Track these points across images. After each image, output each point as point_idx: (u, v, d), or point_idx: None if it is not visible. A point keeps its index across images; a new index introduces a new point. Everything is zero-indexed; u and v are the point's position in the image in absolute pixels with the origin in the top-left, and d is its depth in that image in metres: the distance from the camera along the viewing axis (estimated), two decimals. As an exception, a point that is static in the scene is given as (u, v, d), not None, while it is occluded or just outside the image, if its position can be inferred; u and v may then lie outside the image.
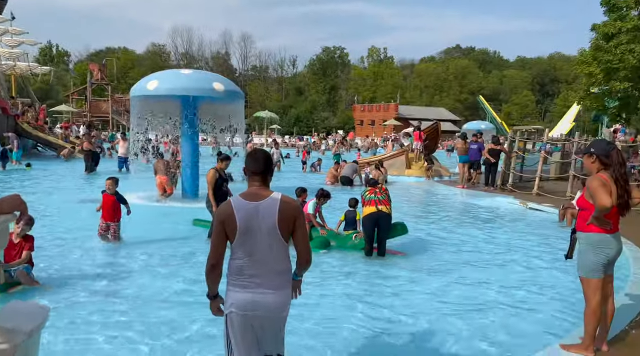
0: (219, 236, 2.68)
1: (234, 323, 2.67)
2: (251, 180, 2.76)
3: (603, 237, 3.52)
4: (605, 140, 3.70)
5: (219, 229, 2.68)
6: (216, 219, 2.72)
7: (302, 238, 2.75)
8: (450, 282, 6.01)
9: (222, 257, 2.70)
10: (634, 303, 4.82)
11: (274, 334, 2.75)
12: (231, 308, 2.68)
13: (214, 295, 2.80)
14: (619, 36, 14.77)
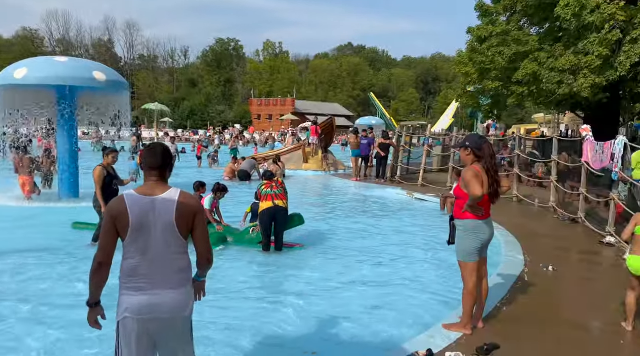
0: (109, 233, 2.46)
1: (127, 330, 2.44)
2: (148, 175, 2.59)
3: (477, 223, 3.85)
4: (478, 135, 4.04)
5: (109, 226, 2.46)
6: (106, 215, 2.49)
7: (202, 236, 2.61)
8: (345, 270, 6.21)
9: (110, 256, 2.47)
10: (505, 282, 5.37)
11: (176, 337, 2.54)
12: (125, 313, 2.45)
13: (95, 301, 2.54)
14: (490, 39, 16.23)
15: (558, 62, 12.41)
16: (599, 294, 5.33)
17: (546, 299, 5.06)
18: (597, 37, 11.29)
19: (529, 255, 6.67)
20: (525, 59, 14.37)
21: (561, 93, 13.00)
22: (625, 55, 10.88)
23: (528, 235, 8.11)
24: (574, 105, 17.27)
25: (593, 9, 11.23)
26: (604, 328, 4.38)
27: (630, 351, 3.96)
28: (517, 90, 15.30)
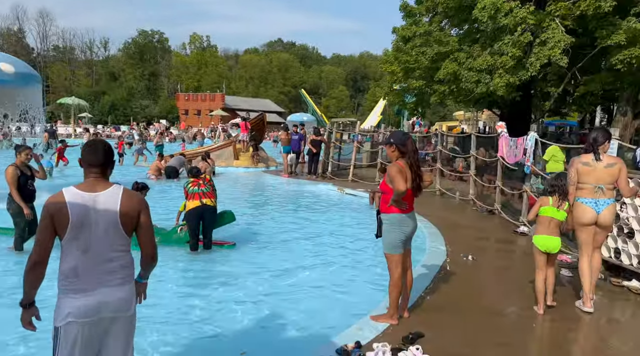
0: (46, 231, 2.32)
1: (71, 336, 2.28)
2: (88, 173, 2.47)
3: (402, 217, 3.98)
4: (401, 131, 4.17)
5: (46, 223, 2.32)
6: (44, 211, 2.35)
7: (147, 234, 2.52)
8: (275, 267, 6.17)
9: (47, 254, 2.33)
10: (429, 273, 5.60)
11: (121, 338, 2.43)
12: (68, 318, 2.29)
13: (29, 302, 2.39)
14: (414, 39, 16.86)
15: (476, 62, 13.15)
16: (514, 281, 5.71)
17: (466, 287, 5.34)
18: (511, 39, 12.09)
19: (451, 246, 7.02)
20: (446, 59, 15.08)
21: (479, 92, 13.80)
22: (535, 56, 11.74)
23: (450, 226, 8.53)
24: (491, 103, 18.41)
25: (507, 12, 12.01)
26: (519, 312, 4.70)
27: (542, 333, 4.27)
28: (439, 88, 16.03)
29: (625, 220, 5.71)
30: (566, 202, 4.57)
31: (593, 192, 4.62)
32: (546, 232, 4.55)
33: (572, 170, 4.73)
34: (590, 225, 4.67)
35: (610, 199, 4.65)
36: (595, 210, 4.62)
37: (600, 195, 4.61)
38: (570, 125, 24.48)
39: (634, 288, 5.35)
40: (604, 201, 4.61)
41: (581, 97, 16.63)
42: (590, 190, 4.63)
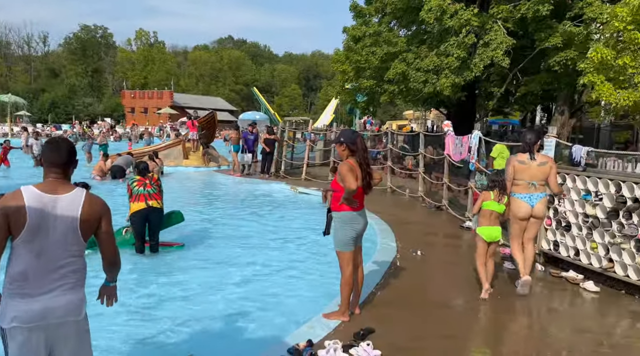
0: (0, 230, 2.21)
1: (16, 340, 2.19)
2: (49, 172, 2.35)
3: (352, 215, 4.02)
4: (351, 130, 4.22)
5: (0, 222, 2.20)
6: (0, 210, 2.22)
7: (108, 239, 2.47)
8: (226, 268, 6.09)
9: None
10: (380, 269, 5.68)
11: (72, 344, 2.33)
12: (13, 322, 2.19)
13: None
14: (364, 39, 17.07)
15: (423, 62, 13.48)
16: (461, 274, 5.90)
17: (415, 282, 5.46)
18: (456, 41, 12.47)
19: (401, 242, 7.16)
20: (395, 59, 15.37)
21: (426, 92, 14.15)
22: (479, 57, 12.18)
23: (400, 223, 8.71)
24: (438, 102, 18.95)
25: (452, 14, 12.38)
26: (465, 304, 4.87)
27: (485, 323, 4.44)
28: (389, 88, 16.31)
29: (562, 214, 6.03)
30: (505, 195, 4.97)
31: (527, 188, 5.04)
32: (488, 223, 4.97)
33: (510, 168, 5.11)
34: (524, 219, 5.12)
35: (542, 193, 5.09)
36: (530, 204, 5.07)
37: (533, 190, 5.04)
38: (512, 123, 25.62)
39: (571, 278, 5.67)
40: (537, 195, 5.06)
41: (522, 96, 17.41)
42: (524, 186, 5.04)
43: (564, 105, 14.44)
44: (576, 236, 5.85)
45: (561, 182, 6.06)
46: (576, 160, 5.91)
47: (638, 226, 5.05)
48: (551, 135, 6.26)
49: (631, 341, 4.07)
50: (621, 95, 8.19)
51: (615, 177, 5.41)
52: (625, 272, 5.19)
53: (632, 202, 5.14)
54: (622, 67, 8.34)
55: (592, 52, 8.56)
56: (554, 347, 3.89)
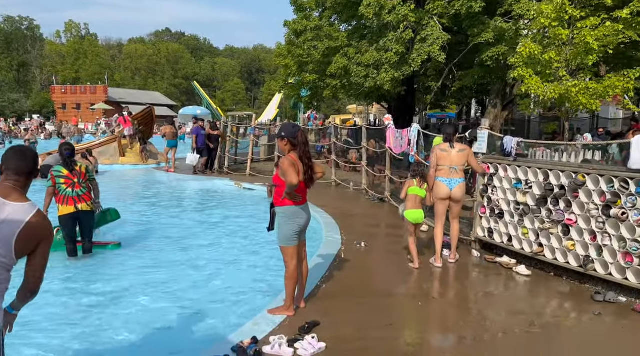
0: None
1: None
2: (6, 177, 2.20)
3: (295, 209, 4.00)
4: (292, 124, 4.18)
5: None
6: None
7: (39, 265, 2.28)
8: (166, 266, 5.90)
9: None
10: (324, 262, 5.71)
11: None
12: None
13: None
14: (305, 33, 17.06)
15: (364, 57, 13.66)
16: (402, 263, 6.04)
17: (359, 273, 5.53)
18: (395, 36, 12.73)
19: (345, 234, 7.24)
20: (337, 54, 15.49)
21: (368, 86, 14.37)
22: (417, 52, 12.51)
23: (344, 215, 8.80)
24: (379, 97, 19.29)
25: (390, 9, 12.62)
26: (406, 292, 5.01)
27: (426, 311, 4.57)
28: (331, 82, 16.43)
29: (496, 202, 6.32)
30: (425, 183, 5.87)
31: (449, 173, 5.79)
32: (414, 207, 5.82)
33: (433, 156, 5.94)
34: (445, 200, 5.90)
35: (461, 179, 5.86)
36: (449, 187, 5.82)
37: (454, 174, 5.80)
38: (449, 117, 26.60)
39: (505, 263, 5.96)
40: (456, 180, 5.82)
41: (458, 90, 18.10)
42: (446, 171, 5.80)
43: (496, 99, 15.14)
44: (509, 223, 6.16)
45: (494, 172, 6.36)
46: (507, 150, 6.21)
47: (564, 211, 5.38)
48: (484, 128, 6.53)
49: (560, 321, 4.34)
50: (548, 88, 8.68)
51: (543, 165, 5.73)
52: (554, 256, 5.53)
53: (559, 189, 5.47)
54: (548, 61, 8.83)
55: (521, 47, 9.01)
56: (491, 330, 4.07)
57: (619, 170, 4.89)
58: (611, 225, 4.90)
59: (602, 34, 8.73)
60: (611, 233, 4.89)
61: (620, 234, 4.80)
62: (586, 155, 9.78)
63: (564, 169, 5.43)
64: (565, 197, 5.36)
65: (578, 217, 5.24)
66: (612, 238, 4.89)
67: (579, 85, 8.56)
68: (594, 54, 8.89)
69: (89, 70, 71.34)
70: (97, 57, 75.71)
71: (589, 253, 5.12)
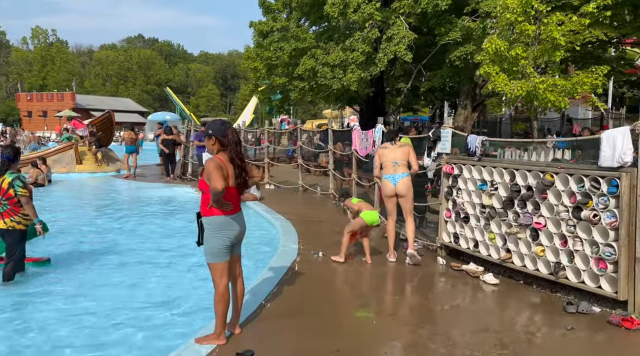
0: None
1: None
2: None
3: (225, 219, 3.44)
4: (221, 120, 3.63)
5: None
6: None
7: None
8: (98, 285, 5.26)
9: None
10: (274, 276, 5.16)
11: None
12: None
13: None
14: (272, 34, 16.56)
15: (329, 57, 13.22)
16: (361, 275, 5.54)
17: (311, 288, 4.98)
18: (361, 35, 12.34)
19: (304, 243, 6.71)
20: (305, 56, 15.02)
21: (336, 88, 13.94)
22: (383, 52, 12.13)
23: (307, 222, 8.28)
24: (350, 99, 18.90)
25: (355, 8, 12.22)
26: (362, 309, 4.48)
27: (383, 330, 4.06)
28: (299, 85, 15.94)
29: (461, 205, 5.89)
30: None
31: (392, 168, 5.87)
32: (370, 209, 6.03)
33: (377, 156, 6.10)
34: (392, 197, 5.93)
35: (404, 173, 5.87)
36: (393, 182, 5.87)
37: (397, 169, 5.86)
38: (422, 120, 26.42)
39: (471, 271, 5.52)
40: (399, 175, 5.86)
41: (429, 92, 17.83)
42: (389, 167, 5.89)
43: (466, 100, 14.89)
44: (475, 227, 5.73)
45: (458, 173, 5.93)
46: (471, 150, 5.79)
47: (532, 214, 4.97)
48: (447, 126, 6.11)
49: (530, 338, 3.88)
50: (515, 86, 8.35)
51: (509, 165, 5.32)
52: (523, 262, 5.11)
53: (526, 190, 5.06)
54: (514, 58, 8.52)
55: (487, 44, 8.68)
56: (456, 351, 3.58)
57: (590, 169, 4.49)
58: (582, 228, 4.50)
59: (568, 29, 8.47)
60: (583, 238, 4.49)
61: (592, 238, 4.40)
62: (556, 155, 9.48)
63: (530, 168, 5.02)
64: (533, 198, 4.96)
65: (547, 220, 4.83)
66: (583, 243, 4.49)
67: (546, 81, 8.26)
68: (561, 50, 8.61)
69: (56, 77, 69.38)
70: (65, 63, 73.75)
71: (559, 260, 4.71)
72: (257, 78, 21.32)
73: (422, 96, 19.38)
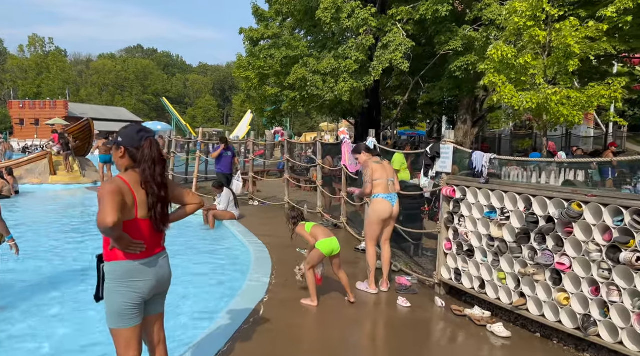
0: None
1: None
2: None
3: (131, 266, 2.43)
4: (138, 127, 2.65)
5: None
6: None
7: None
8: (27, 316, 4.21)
9: None
10: (231, 323, 4.13)
11: None
12: None
13: None
14: (264, 42, 15.74)
15: (320, 65, 12.33)
16: (343, 316, 4.53)
17: (275, 343, 3.97)
18: (355, 43, 11.46)
19: (279, 275, 5.70)
20: (296, 64, 14.16)
21: (328, 99, 13.04)
22: (378, 60, 11.24)
23: (287, 247, 7.21)
24: (344, 112, 18.03)
25: (349, 14, 11.37)
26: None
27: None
28: (290, 94, 15.06)
29: (464, 236, 4.90)
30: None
31: (387, 187, 5.17)
32: (326, 235, 4.81)
33: (369, 169, 5.23)
34: (387, 219, 5.21)
35: (396, 193, 5.29)
36: (391, 203, 5.18)
37: (392, 188, 5.23)
38: (420, 134, 25.56)
39: (477, 318, 4.51)
40: (394, 195, 5.25)
41: (427, 105, 16.96)
42: (384, 186, 5.16)
43: (466, 114, 14.01)
44: (481, 263, 4.74)
45: (460, 196, 4.95)
46: (477, 169, 4.83)
47: (553, 252, 3.98)
48: (448, 141, 5.15)
49: None
50: (524, 97, 7.42)
51: (525, 190, 4.34)
52: (540, 311, 4.11)
53: (546, 222, 4.08)
54: (523, 66, 7.61)
55: (492, 50, 7.78)
56: None
57: (633, 198, 3.52)
58: (620, 274, 3.52)
59: (583, 36, 7.58)
60: (621, 286, 3.50)
61: (634, 287, 3.41)
62: (567, 175, 8.49)
63: (551, 195, 4.04)
64: (555, 232, 3.97)
65: (573, 261, 3.84)
66: (622, 293, 3.50)
67: (559, 93, 7.34)
68: (575, 59, 7.72)
69: (51, 85, 68.64)
70: (61, 72, 73.10)
71: (589, 312, 3.71)
72: (249, 88, 20.49)
73: (419, 109, 18.51)
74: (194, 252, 7.12)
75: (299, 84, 14.04)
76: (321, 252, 4.72)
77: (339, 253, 4.88)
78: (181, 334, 4.03)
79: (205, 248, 7.47)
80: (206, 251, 7.27)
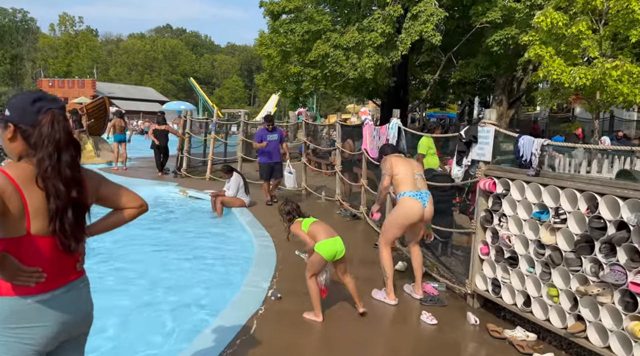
0: None
1: None
2: None
3: (21, 305, 1.63)
4: (33, 95, 1.73)
5: None
6: None
7: None
8: None
9: None
10: (215, 345, 3.37)
11: None
12: None
13: None
14: (283, 17, 14.81)
15: (343, 39, 11.35)
16: (340, 346, 3.74)
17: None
18: (381, 14, 10.43)
19: (282, 278, 4.92)
20: (319, 39, 13.21)
21: (351, 76, 12.07)
22: (406, 32, 10.20)
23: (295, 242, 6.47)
24: (370, 92, 17.00)
25: (376, -19, 10.34)
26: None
27: None
28: (311, 72, 14.14)
29: (505, 240, 3.99)
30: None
31: (414, 184, 4.31)
32: (329, 235, 3.89)
33: (387, 163, 4.43)
34: (416, 222, 4.28)
35: (428, 191, 4.41)
36: (422, 203, 4.27)
37: (421, 185, 4.36)
38: (450, 117, 24.29)
39: (519, 343, 3.62)
40: (426, 192, 4.36)
41: (459, 84, 15.75)
42: (411, 183, 4.31)
43: (501, 94, 12.84)
44: (526, 275, 3.83)
45: (503, 191, 4.03)
46: (525, 158, 3.88)
47: (626, 269, 3.05)
48: (488, 122, 4.20)
49: None
50: (576, 73, 6.32)
51: (587, 185, 3.39)
52: (606, 342, 3.20)
53: (616, 229, 3.14)
54: (576, 36, 6.49)
55: (540, 17, 6.66)
56: None
57: None
58: None
59: (651, 0, 6.39)
60: None
61: None
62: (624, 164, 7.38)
63: (626, 194, 3.08)
64: (630, 242, 3.04)
65: (655, 283, 2.91)
66: None
67: (620, 67, 6.22)
68: (639, 28, 6.55)
69: (81, 64, 69.41)
70: (91, 51, 73.77)
71: (677, 352, 2.79)
72: (271, 66, 19.64)
73: (450, 89, 17.29)
74: (190, 248, 6.38)
75: (321, 61, 13.11)
76: (322, 256, 3.86)
77: (344, 257, 4.00)
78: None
79: (206, 244, 6.67)
80: (206, 246, 6.50)
